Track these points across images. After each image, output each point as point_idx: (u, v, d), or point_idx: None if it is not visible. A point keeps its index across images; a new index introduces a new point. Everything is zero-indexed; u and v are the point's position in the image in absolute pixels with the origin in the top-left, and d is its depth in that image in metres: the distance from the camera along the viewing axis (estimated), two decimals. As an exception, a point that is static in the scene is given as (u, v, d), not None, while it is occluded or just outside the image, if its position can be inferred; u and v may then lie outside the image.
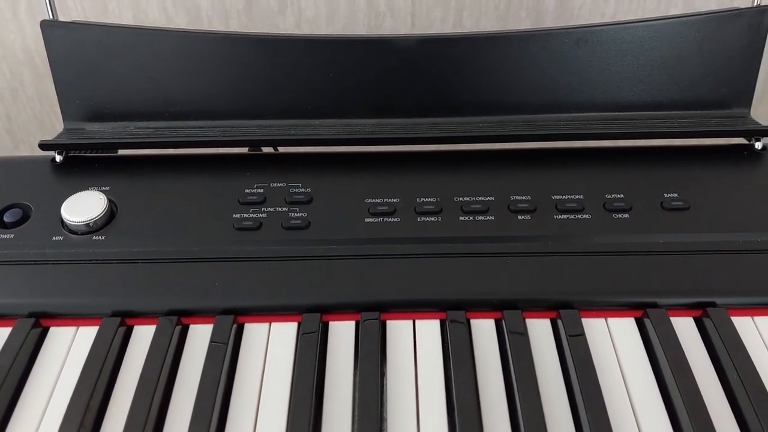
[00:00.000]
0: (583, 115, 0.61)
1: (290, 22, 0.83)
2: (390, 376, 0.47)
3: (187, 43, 0.59)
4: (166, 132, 0.60)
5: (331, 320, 0.50)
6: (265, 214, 0.54)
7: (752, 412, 0.43)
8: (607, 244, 0.53)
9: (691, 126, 0.60)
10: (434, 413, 0.44)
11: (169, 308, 0.49)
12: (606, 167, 0.58)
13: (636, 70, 0.60)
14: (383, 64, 0.60)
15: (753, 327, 0.50)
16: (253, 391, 0.46)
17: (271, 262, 0.51)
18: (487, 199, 0.56)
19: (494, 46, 0.59)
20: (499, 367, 0.47)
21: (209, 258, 0.52)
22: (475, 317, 0.50)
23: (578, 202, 0.55)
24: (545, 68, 0.60)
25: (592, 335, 0.49)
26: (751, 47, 0.60)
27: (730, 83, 0.61)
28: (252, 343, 0.49)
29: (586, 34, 0.59)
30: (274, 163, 0.59)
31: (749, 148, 0.60)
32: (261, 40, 0.59)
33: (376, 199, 0.56)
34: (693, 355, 0.47)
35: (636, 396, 0.45)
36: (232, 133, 0.60)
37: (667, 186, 0.56)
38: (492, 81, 0.60)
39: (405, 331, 0.50)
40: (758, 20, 0.59)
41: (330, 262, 0.52)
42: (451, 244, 0.53)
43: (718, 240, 0.53)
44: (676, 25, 0.59)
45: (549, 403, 0.45)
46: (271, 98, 0.60)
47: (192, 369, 0.47)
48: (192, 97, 0.61)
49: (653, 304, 0.50)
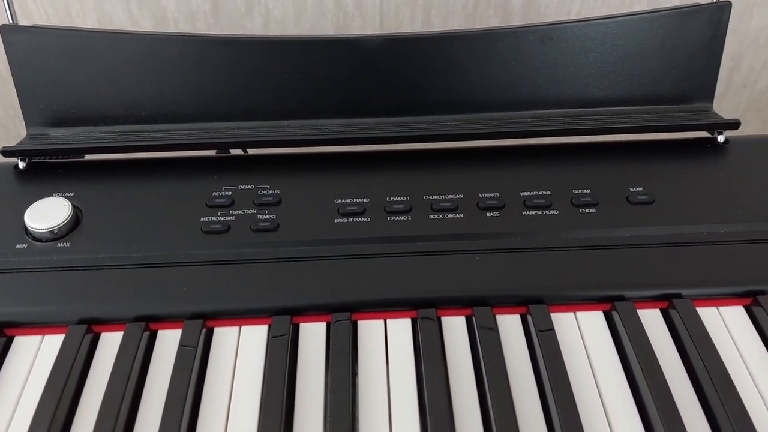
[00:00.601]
0: (549, 111, 0.62)
1: (258, 23, 0.83)
2: (362, 376, 0.47)
3: (152, 45, 0.58)
4: (131, 136, 0.59)
5: (302, 322, 0.50)
6: (234, 216, 0.54)
7: (717, 400, 0.44)
8: (574, 239, 0.53)
9: (655, 120, 0.61)
10: (406, 412, 0.44)
11: (137, 314, 0.49)
12: (572, 163, 0.59)
13: (600, 67, 0.61)
14: (350, 64, 0.60)
15: (718, 317, 0.51)
16: (223, 395, 0.45)
17: (240, 265, 0.51)
18: (456, 197, 0.56)
19: (460, 45, 0.59)
20: (470, 364, 0.48)
21: (177, 262, 0.51)
22: (446, 315, 0.50)
23: (546, 198, 0.56)
24: (511, 66, 0.60)
25: (561, 329, 0.49)
26: (711, 42, 0.61)
27: (692, 78, 0.62)
28: (222, 347, 0.48)
29: (550, 31, 0.60)
30: (242, 166, 0.59)
31: (712, 141, 0.61)
32: (226, 41, 0.59)
33: (346, 199, 0.56)
34: (660, 346, 0.48)
35: (605, 388, 0.46)
36: (198, 136, 0.59)
37: (633, 180, 0.57)
38: (459, 79, 0.61)
39: (376, 331, 0.50)
40: (718, 16, 0.60)
41: (300, 264, 0.51)
42: (421, 243, 0.53)
43: (682, 232, 0.54)
44: (638, 22, 0.59)
45: (520, 398, 0.45)
46: (238, 100, 0.60)
47: (161, 375, 0.46)
48: (158, 100, 0.60)
49: (620, 297, 0.51)
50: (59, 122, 0.60)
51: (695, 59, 0.61)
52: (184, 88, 0.60)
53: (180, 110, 0.60)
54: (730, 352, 0.48)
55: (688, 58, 0.61)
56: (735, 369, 0.47)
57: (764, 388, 0.46)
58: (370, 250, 0.53)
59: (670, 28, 0.60)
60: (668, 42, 0.60)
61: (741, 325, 0.50)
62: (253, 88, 0.60)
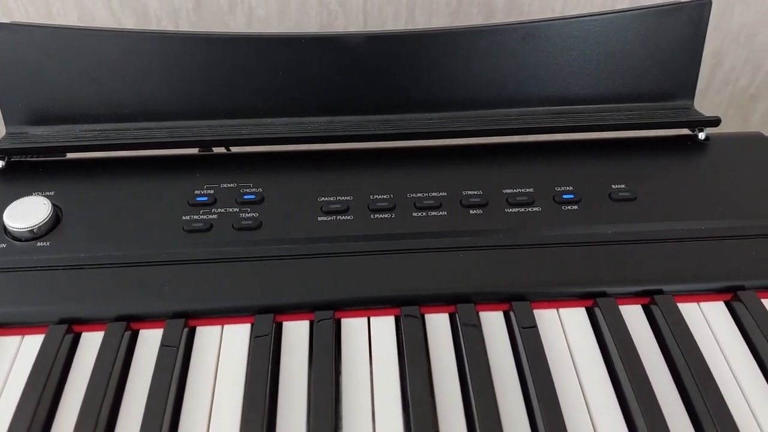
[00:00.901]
0: (532, 109, 0.62)
1: (241, 21, 0.82)
2: (345, 374, 0.47)
3: (133, 43, 0.58)
4: (112, 134, 0.59)
5: (285, 320, 0.50)
6: (216, 215, 0.54)
7: (698, 395, 0.44)
8: (557, 236, 0.53)
9: (637, 118, 0.61)
10: (389, 409, 0.44)
11: (118, 314, 0.48)
12: (555, 160, 0.59)
13: (583, 64, 0.61)
14: (334, 61, 0.59)
15: (699, 313, 0.51)
16: (205, 394, 0.45)
17: (223, 264, 0.51)
18: (440, 195, 0.56)
19: (443, 43, 0.59)
20: (453, 361, 0.48)
21: (158, 261, 0.51)
22: (430, 312, 0.50)
23: (529, 196, 0.56)
24: (494, 64, 0.61)
25: (544, 326, 0.50)
26: (692, 40, 0.61)
27: (673, 75, 0.62)
28: (204, 346, 0.48)
29: (533, 29, 0.60)
30: (225, 164, 0.58)
31: (693, 138, 0.62)
32: (209, 39, 0.59)
33: (329, 197, 0.56)
34: (641, 342, 0.49)
35: (587, 384, 0.46)
36: (180, 134, 0.59)
37: (615, 177, 0.57)
38: (442, 77, 0.61)
39: (359, 329, 0.50)
40: (698, 13, 0.60)
41: (282, 262, 0.51)
42: (404, 241, 0.53)
43: (664, 229, 0.54)
44: (620, 19, 0.60)
45: (503, 395, 0.45)
46: (220, 98, 0.60)
47: (142, 375, 0.46)
48: (139, 98, 0.59)
49: (603, 293, 0.51)
50: (39, 120, 0.60)
51: (676, 57, 0.62)
52: (166, 85, 0.59)
53: (162, 108, 0.60)
54: (711, 348, 0.49)
55: (669, 56, 0.61)
56: (715, 364, 0.47)
57: (744, 382, 0.46)
58: (353, 248, 0.52)
59: (651, 26, 0.60)
60: (649, 40, 0.61)
61: (721, 320, 0.50)
62: (235, 86, 0.60)
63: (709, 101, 1.01)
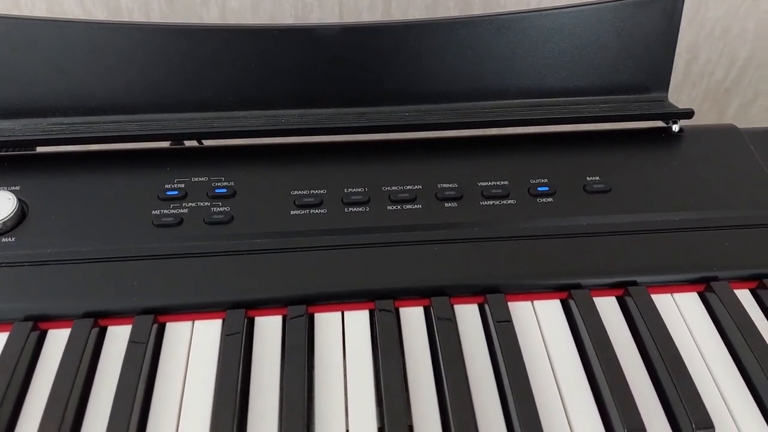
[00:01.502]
0: (507, 102, 0.62)
1: (214, 14, 0.81)
2: (318, 370, 0.46)
3: (102, 34, 0.57)
4: (81, 128, 0.58)
5: (257, 315, 0.49)
6: (186, 209, 0.53)
7: (670, 384, 0.45)
8: (531, 228, 0.53)
9: (611, 110, 0.61)
10: (363, 405, 0.44)
11: (85, 310, 0.47)
12: (530, 153, 0.59)
13: (557, 57, 0.61)
14: (307, 53, 0.59)
15: (672, 303, 0.51)
16: (175, 392, 0.44)
17: (193, 259, 0.50)
18: (415, 188, 0.56)
19: (417, 35, 0.59)
20: (428, 355, 0.47)
21: (127, 257, 0.50)
22: (404, 306, 0.50)
23: (503, 188, 0.56)
24: (469, 56, 0.60)
25: (518, 318, 0.49)
26: (666, 32, 0.61)
27: (648, 68, 0.62)
28: (174, 342, 0.47)
29: (507, 21, 0.59)
30: (196, 157, 0.57)
31: (667, 130, 0.62)
32: (179, 30, 0.57)
33: (303, 190, 0.55)
34: (615, 333, 0.49)
35: (561, 375, 0.46)
36: (151, 127, 0.57)
37: (590, 169, 0.57)
38: (417, 69, 0.60)
39: (333, 324, 0.49)
40: (672, 6, 0.60)
41: (254, 257, 0.50)
42: (379, 234, 0.53)
43: (638, 220, 0.54)
44: (594, 12, 0.60)
45: (477, 387, 0.45)
46: (192, 90, 0.59)
47: (110, 373, 0.45)
48: (109, 90, 0.58)
49: (577, 285, 0.51)
50: (5, 114, 0.58)
51: (650, 49, 0.62)
52: (136, 78, 0.58)
53: (132, 101, 0.59)
54: (684, 338, 0.49)
55: (643, 49, 0.61)
56: (688, 354, 0.47)
57: (716, 371, 0.47)
58: (327, 242, 0.52)
59: (625, 19, 0.60)
60: (623, 32, 0.60)
61: (694, 310, 0.51)
62: (207, 79, 0.59)
63: (685, 95, 1.02)
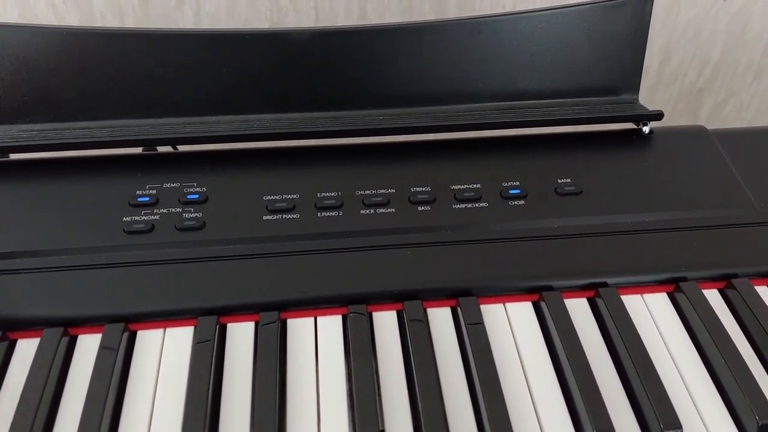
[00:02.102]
0: (480, 105, 0.62)
1: (189, 18, 0.81)
2: (290, 376, 0.46)
3: (73, 40, 0.56)
4: (51, 134, 0.57)
5: (229, 322, 0.49)
6: (158, 215, 0.52)
7: (640, 385, 0.45)
8: (504, 231, 0.54)
9: (583, 113, 0.62)
10: (335, 411, 0.44)
11: (55, 318, 0.47)
12: (502, 156, 0.59)
13: (529, 60, 0.61)
14: (280, 58, 0.59)
15: (642, 304, 0.52)
16: (145, 401, 0.44)
17: (164, 266, 0.50)
18: (388, 192, 0.56)
19: (390, 38, 0.59)
20: (401, 359, 0.47)
21: (97, 264, 0.49)
22: (377, 310, 0.50)
23: (476, 191, 0.56)
24: (442, 60, 0.60)
25: (490, 321, 0.50)
26: (636, 35, 0.62)
27: (618, 70, 0.63)
28: (145, 350, 0.47)
29: (479, 24, 0.60)
30: (168, 163, 0.57)
31: (637, 132, 0.62)
32: (150, 35, 0.57)
33: (275, 195, 0.55)
34: (586, 334, 0.49)
35: (532, 377, 0.46)
36: (121, 133, 0.57)
37: (561, 172, 0.58)
38: (390, 73, 0.60)
39: (306, 329, 0.49)
40: (641, 8, 0.61)
41: (226, 263, 0.50)
42: (352, 239, 0.53)
43: (608, 222, 0.55)
44: (565, 15, 0.60)
45: (449, 390, 0.45)
46: (163, 96, 0.58)
47: (80, 382, 0.45)
48: (79, 96, 0.58)
49: (549, 287, 0.51)
50: (-27, 121, 0.58)
51: (620, 52, 0.62)
52: (106, 84, 0.58)
53: (103, 107, 0.58)
54: (654, 338, 0.49)
55: (613, 51, 0.62)
56: (657, 354, 0.48)
57: (685, 371, 0.47)
58: (299, 247, 0.52)
59: (596, 22, 0.61)
60: (594, 35, 0.61)
61: (664, 311, 0.51)
62: (179, 83, 0.58)
63: (660, 96, 1.03)
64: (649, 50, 0.93)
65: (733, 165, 0.59)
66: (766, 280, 0.53)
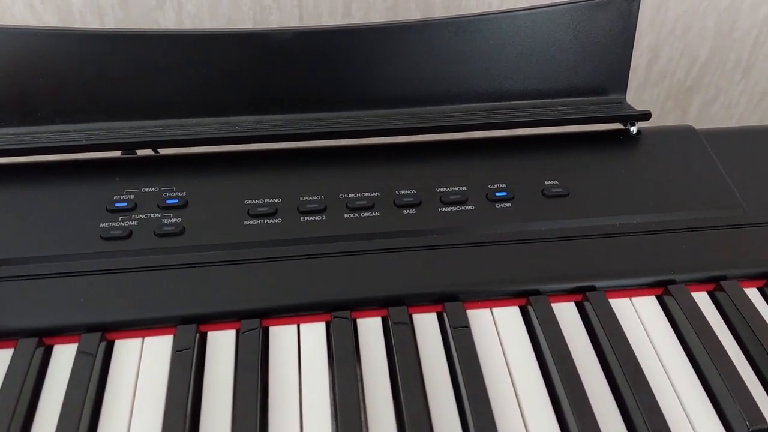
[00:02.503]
0: (465, 106, 0.61)
1: (170, 17, 0.79)
2: (273, 385, 0.45)
3: (49, 41, 0.55)
4: (26, 138, 0.56)
5: (210, 330, 0.48)
6: (136, 221, 0.51)
7: (629, 391, 0.44)
8: (490, 235, 0.53)
9: (570, 113, 0.61)
10: (319, 419, 0.43)
11: (29, 328, 0.46)
12: (488, 157, 0.58)
13: (515, 59, 0.60)
14: (261, 58, 0.57)
15: (631, 307, 0.51)
16: (123, 412, 0.43)
17: (143, 273, 0.48)
18: (373, 195, 0.55)
19: (374, 38, 0.58)
20: (385, 365, 0.46)
21: (73, 272, 0.48)
22: (361, 316, 0.49)
23: (462, 194, 0.55)
24: (427, 60, 0.59)
25: (477, 326, 0.49)
26: (622, 34, 0.61)
27: (605, 70, 0.62)
28: (122, 360, 0.46)
29: (465, 24, 0.59)
30: (146, 167, 0.56)
31: (625, 132, 0.62)
32: (128, 36, 0.56)
33: (256, 199, 0.54)
34: (574, 339, 0.48)
35: (520, 383, 0.46)
36: (99, 136, 0.56)
37: (548, 173, 0.57)
38: (374, 74, 0.59)
39: (289, 337, 0.48)
40: (628, 7, 0.60)
41: (207, 269, 0.49)
42: (336, 243, 0.52)
43: (596, 224, 0.54)
44: (550, 14, 0.59)
45: (434, 397, 0.44)
46: (143, 98, 0.57)
47: (55, 393, 0.43)
48: (55, 99, 0.56)
49: (536, 291, 0.50)
50: (-54, 125, 0.56)
51: (607, 51, 0.61)
52: (84, 86, 0.56)
53: (80, 109, 0.57)
54: (642, 343, 0.48)
55: (600, 51, 0.61)
56: (646, 359, 0.47)
57: (674, 376, 0.46)
58: (281, 252, 0.51)
59: (582, 21, 0.60)
60: (580, 34, 0.60)
61: (653, 314, 0.50)
62: (158, 85, 0.57)
63: (648, 94, 1.03)
64: (638, 48, 0.93)
65: (722, 165, 0.59)
66: (755, 281, 0.52)
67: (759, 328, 0.48)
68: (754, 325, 0.48)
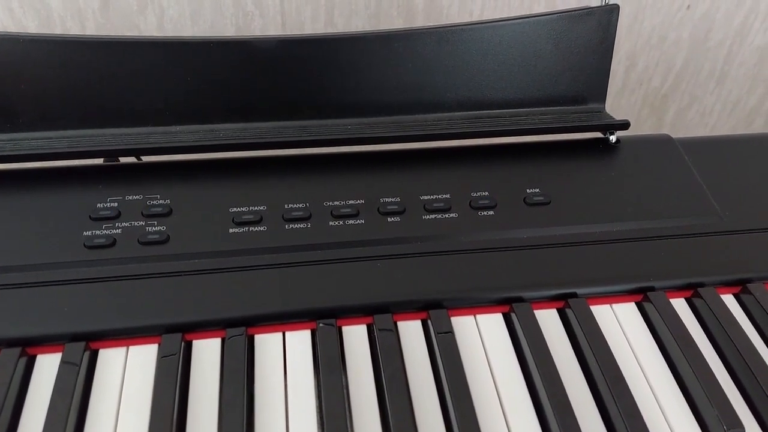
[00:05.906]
0: (448, 114, 0.62)
1: (151, 23, 0.79)
2: (258, 393, 0.45)
3: (30, 48, 0.54)
4: (7, 145, 0.55)
5: (195, 339, 0.47)
6: (120, 229, 0.51)
7: (610, 396, 0.45)
8: (473, 242, 0.53)
9: (550, 122, 0.62)
10: (305, 426, 0.43)
11: (12, 338, 0.45)
12: (471, 166, 0.59)
13: (497, 69, 0.61)
14: (245, 66, 0.58)
15: (611, 314, 0.52)
16: (108, 421, 0.43)
17: (127, 281, 0.48)
18: (357, 203, 0.55)
19: (357, 47, 0.58)
20: (371, 373, 0.47)
21: (56, 281, 0.48)
22: (347, 324, 0.49)
23: (445, 202, 0.55)
24: (409, 68, 0.60)
25: (461, 333, 0.49)
26: (602, 44, 0.62)
27: (585, 80, 0.63)
28: (107, 370, 0.45)
29: (447, 33, 0.59)
30: (130, 174, 0.55)
31: (604, 141, 0.63)
32: (110, 43, 0.56)
33: (241, 207, 0.54)
34: (556, 345, 0.49)
35: (503, 390, 0.46)
36: (82, 143, 0.55)
37: (530, 181, 0.58)
38: (358, 82, 0.60)
39: (274, 345, 0.48)
40: (607, 18, 0.61)
41: (191, 278, 0.49)
42: (320, 251, 0.52)
43: (577, 232, 0.55)
44: (532, 24, 0.60)
45: (420, 404, 0.45)
46: (126, 105, 0.57)
47: (39, 404, 0.43)
48: (37, 106, 0.56)
49: (519, 298, 0.51)
50: (-76, 131, 0.55)
51: (587, 61, 0.63)
52: (66, 92, 0.56)
53: (62, 116, 0.56)
54: (623, 349, 0.49)
55: (580, 61, 0.62)
56: (627, 365, 0.48)
57: (654, 381, 0.47)
58: (266, 260, 0.51)
59: (563, 31, 0.61)
60: (561, 44, 0.61)
61: (632, 321, 0.51)
62: (141, 92, 0.57)
63: (625, 100, 1.04)
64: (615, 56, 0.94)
65: (699, 174, 0.60)
66: (731, 288, 0.54)
67: (735, 333, 0.49)
68: (731, 331, 0.50)
